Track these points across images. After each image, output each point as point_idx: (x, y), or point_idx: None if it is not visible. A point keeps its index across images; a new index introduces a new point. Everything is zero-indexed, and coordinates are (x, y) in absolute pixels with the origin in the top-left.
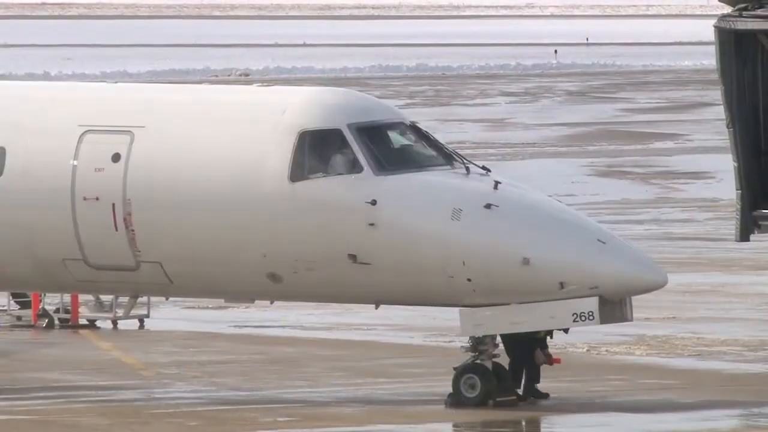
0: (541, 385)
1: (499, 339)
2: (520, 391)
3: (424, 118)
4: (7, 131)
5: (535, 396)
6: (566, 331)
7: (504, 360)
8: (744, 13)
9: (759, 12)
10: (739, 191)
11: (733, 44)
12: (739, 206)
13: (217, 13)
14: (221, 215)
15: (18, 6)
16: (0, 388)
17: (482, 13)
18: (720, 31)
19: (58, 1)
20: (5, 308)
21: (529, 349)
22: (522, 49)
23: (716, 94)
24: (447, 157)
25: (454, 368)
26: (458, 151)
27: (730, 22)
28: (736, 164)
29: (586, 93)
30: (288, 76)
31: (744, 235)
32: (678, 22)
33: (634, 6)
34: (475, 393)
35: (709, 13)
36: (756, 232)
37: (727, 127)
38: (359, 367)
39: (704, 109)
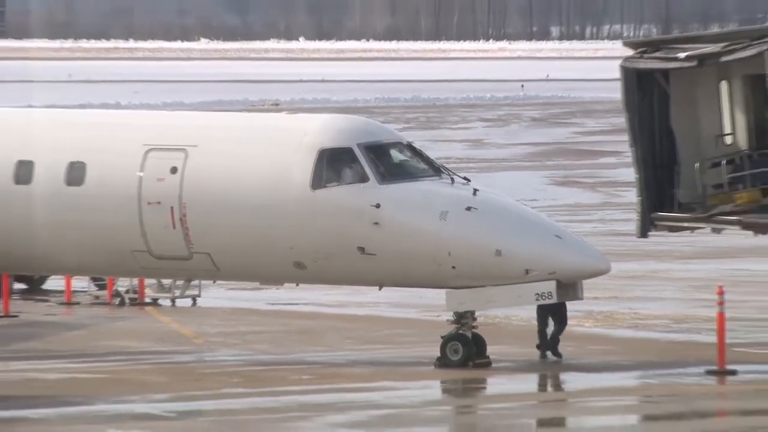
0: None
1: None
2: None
3: (418, 138)
4: (87, 149)
5: (554, 353)
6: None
7: (480, 330)
8: (645, 55)
9: (656, 54)
10: (640, 198)
11: (635, 80)
12: (639, 210)
13: (254, 56)
14: (257, 216)
15: (95, 50)
16: (82, 353)
17: (464, 56)
18: (625, 70)
19: (127, 46)
20: (87, 290)
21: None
22: (495, 84)
23: None
24: (436, 169)
25: (442, 337)
26: (445, 164)
27: (633, 63)
28: (637, 176)
29: (547, 119)
30: (310, 106)
31: (644, 233)
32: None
33: (585, 50)
34: (458, 357)
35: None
36: (653, 230)
37: (630, 146)
38: (366, 336)
39: None
